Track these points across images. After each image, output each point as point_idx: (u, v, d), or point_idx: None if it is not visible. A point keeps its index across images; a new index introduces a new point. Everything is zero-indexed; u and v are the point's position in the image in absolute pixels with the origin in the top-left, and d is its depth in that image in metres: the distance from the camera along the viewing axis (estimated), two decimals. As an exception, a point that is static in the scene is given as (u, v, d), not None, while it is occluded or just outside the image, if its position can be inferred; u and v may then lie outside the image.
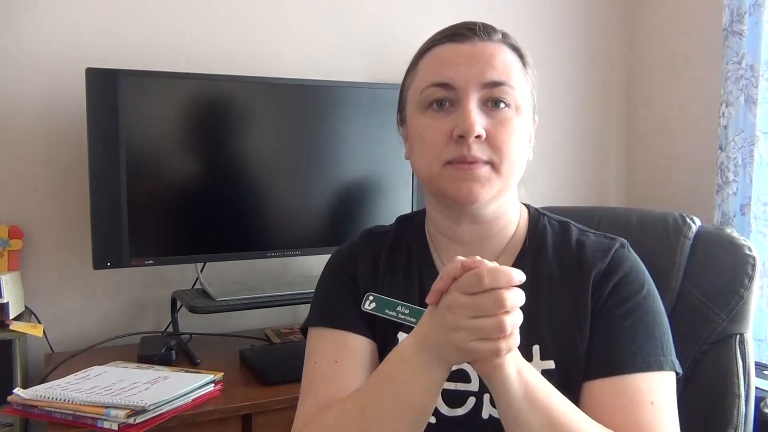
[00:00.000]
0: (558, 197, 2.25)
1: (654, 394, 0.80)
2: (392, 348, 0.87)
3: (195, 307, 1.56)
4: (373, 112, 1.76)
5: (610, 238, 0.92)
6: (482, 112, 0.84)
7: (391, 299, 0.91)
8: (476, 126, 0.81)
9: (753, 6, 1.84)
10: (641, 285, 0.87)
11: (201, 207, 1.62)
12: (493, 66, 0.84)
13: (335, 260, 0.99)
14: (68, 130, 1.65)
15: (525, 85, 0.88)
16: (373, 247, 0.97)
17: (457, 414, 0.86)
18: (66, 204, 1.68)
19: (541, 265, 0.90)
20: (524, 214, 0.96)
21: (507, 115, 0.84)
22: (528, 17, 2.21)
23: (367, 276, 0.94)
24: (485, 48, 0.86)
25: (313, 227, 1.75)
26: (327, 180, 1.73)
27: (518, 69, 0.87)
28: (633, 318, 0.84)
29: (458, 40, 0.86)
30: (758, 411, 1.46)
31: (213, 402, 1.36)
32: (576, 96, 2.31)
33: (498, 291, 0.69)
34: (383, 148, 1.77)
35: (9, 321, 1.46)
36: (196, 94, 1.61)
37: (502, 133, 0.83)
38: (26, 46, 1.63)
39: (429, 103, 0.86)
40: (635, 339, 0.83)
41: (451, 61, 0.85)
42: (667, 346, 0.84)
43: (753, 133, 1.85)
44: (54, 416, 1.23)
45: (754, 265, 1.04)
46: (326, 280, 0.98)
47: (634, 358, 0.82)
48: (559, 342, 0.85)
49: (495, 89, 0.84)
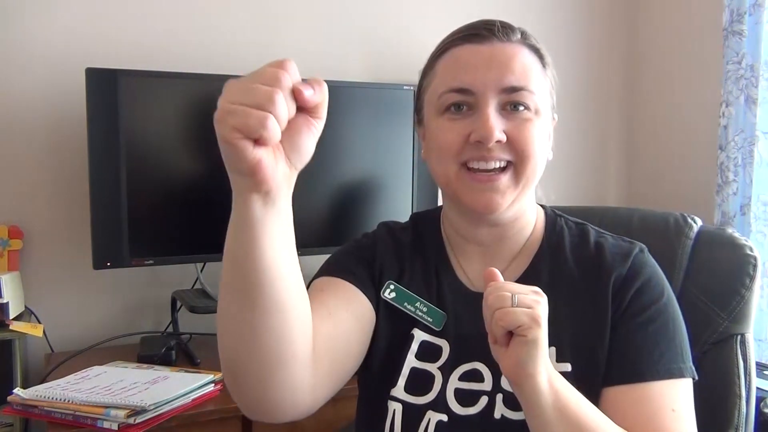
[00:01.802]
0: (558, 197, 2.24)
1: (675, 402, 0.80)
2: (405, 341, 0.88)
3: (195, 307, 1.56)
4: (373, 112, 1.76)
5: (629, 242, 0.91)
6: (501, 116, 0.83)
7: (411, 293, 0.90)
8: (495, 132, 0.81)
9: (753, 6, 1.84)
10: (661, 291, 0.87)
11: (201, 207, 1.62)
12: (512, 70, 0.83)
13: (355, 242, 0.97)
14: (68, 130, 1.65)
15: (544, 86, 0.87)
16: (394, 241, 0.96)
17: (469, 413, 0.85)
18: (66, 204, 1.68)
19: (560, 265, 0.90)
20: (541, 215, 0.95)
21: (527, 117, 0.84)
22: (528, 18, 2.21)
23: (388, 262, 0.92)
24: (504, 50, 0.84)
25: (313, 227, 1.75)
26: (327, 180, 1.73)
27: (538, 70, 0.86)
28: (655, 325, 0.84)
29: (476, 41, 0.85)
30: (759, 411, 1.46)
31: (213, 402, 1.36)
32: (576, 96, 2.31)
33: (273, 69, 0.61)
34: (383, 148, 1.77)
35: (9, 321, 1.46)
36: (196, 94, 1.60)
37: (524, 133, 0.83)
38: (26, 47, 1.63)
39: (446, 107, 0.85)
40: (657, 346, 0.83)
41: (469, 65, 0.84)
42: (686, 353, 0.84)
43: (753, 133, 1.85)
44: (54, 416, 1.23)
45: (755, 265, 1.04)
46: (344, 248, 0.96)
47: (656, 365, 0.81)
48: (576, 345, 0.84)
49: (514, 94, 0.83)
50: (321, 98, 0.61)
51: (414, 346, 0.88)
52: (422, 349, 0.88)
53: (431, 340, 0.88)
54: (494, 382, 0.85)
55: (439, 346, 0.88)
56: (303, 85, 0.59)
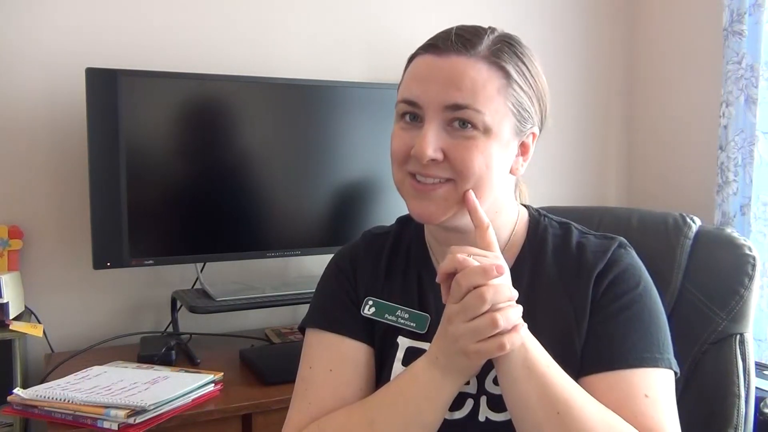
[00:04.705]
0: (558, 197, 2.25)
1: (648, 388, 0.80)
2: (392, 352, 0.89)
3: (195, 307, 1.56)
4: (373, 112, 1.76)
5: (610, 238, 0.91)
6: (445, 132, 0.81)
7: (391, 304, 0.91)
8: (428, 151, 0.80)
9: (753, 6, 1.84)
10: (637, 282, 0.86)
11: (201, 207, 1.62)
12: (459, 86, 0.80)
13: (336, 263, 0.99)
14: (68, 130, 1.65)
15: (500, 104, 0.82)
16: (373, 249, 0.97)
17: (455, 417, 0.85)
18: (66, 204, 1.68)
19: (540, 267, 0.90)
20: (524, 216, 0.95)
21: (471, 135, 0.81)
22: (528, 18, 2.21)
23: (368, 280, 0.94)
24: (456, 65, 0.81)
25: (313, 227, 1.75)
26: (327, 180, 1.73)
27: (492, 88, 0.81)
28: (627, 314, 0.84)
29: (434, 52, 0.83)
30: (758, 411, 1.46)
31: (213, 402, 1.36)
32: (576, 96, 2.31)
33: (477, 289, 0.72)
34: (383, 148, 1.74)
35: (9, 321, 1.46)
36: (195, 95, 1.61)
37: (463, 153, 0.81)
38: (26, 46, 1.63)
39: (401, 115, 0.86)
40: (630, 335, 0.83)
41: (421, 78, 0.83)
42: (663, 344, 0.84)
43: (753, 133, 1.85)
44: (54, 416, 1.23)
45: (754, 264, 1.04)
46: (327, 282, 0.98)
47: (627, 354, 0.81)
48: (556, 342, 0.84)
49: (458, 112, 0.80)
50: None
51: (399, 353, 0.89)
52: (408, 356, 0.88)
53: (416, 345, 0.89)
54: (479, 384, 0.86)
55: (425, 350, 0.87)
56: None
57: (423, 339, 0.89)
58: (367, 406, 0.83)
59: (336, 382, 0.88)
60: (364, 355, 0.90)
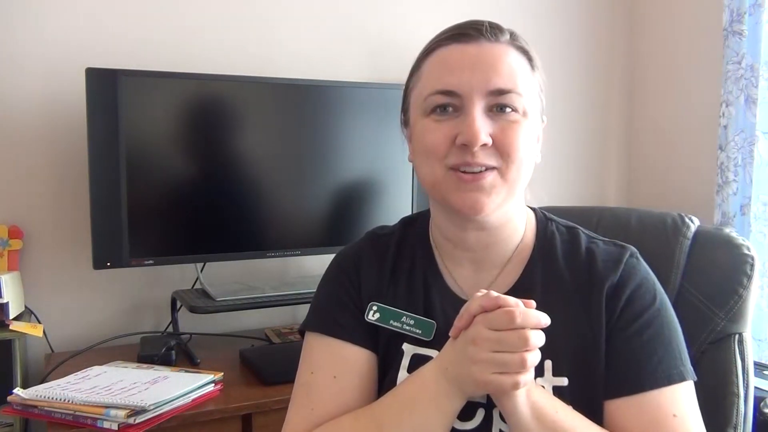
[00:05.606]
0: (558, 197, 2.25)
1: (676, 407, 0.80)
2: (396, 359, 0.87)
3: (195, 307, 1.56)
4: (373, 112, 1.76)
5: (620, 246, 0.89)
6: (487, 117, 0.81)
7: (396, 310, 0.89)
8: (481, 135, 0.78)
9: (753, 6, 1.84)
10: (653, 296, 0.85)
11: (201, 207, 1.62)
12: (499, 72, 0.81)
13: (338, 264, 0.96)
14: (68, 130, 1.65)
15: (532, 88, 0.84)
16: (377, 251, 0.94)
17: (466, 428, 0.84)
18: (66, 204, 1.68)
19: (552, 275, 0.88)
20: (531, 220, 0.93)
21: (514, 120, 0.81)
22: (528, 18, 2.21)
23: (372, 282, 0.91)
24: (491, 51, 0.82)
25: (313, 227, 1.75)
26: (327, 180, 1.73)
27: (526, 72, 0.84)
28: (649, 332, 0.83)
29: (463, 40, 0.83)
30: (757, 411, 1.46)
31: (213, 402, 1.36)
32: (576, 96, 2.31)
33: (525, 330, 0.73)
34: (383, 148, 1.77)
35: (9, 321, 1.46)
36: (195, 94, 1.61)
37: (510, 137, 0.80)
38: (26, 46, 1.63)
39: (432, 109, 0.83)
40: (654, 353, 0.82)
41: (455, 66, 0.82)
42: (684, 355, 0.84)
43: (753, 133, 1.86)
44: (54, 416, 1.23)
45: (753, 264, 1.04)
46: (328, 284, 0.95)
47: (654, 373, 0.81)
48: (573, 358, 0.83)
49: (501, 97, 0.81)
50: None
51: (405, 361, 0.87)
52: (414, 363, 0.86)
53: (422, 352, 0.87)
54: (488, 395, 0.84)
55: (431, 357, 0.86)
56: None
57: (428, 346, 0.87)
58: (375, 411, 0.82)
59: (339, 389, 0.86)
60: (368, 361, 0.89)
